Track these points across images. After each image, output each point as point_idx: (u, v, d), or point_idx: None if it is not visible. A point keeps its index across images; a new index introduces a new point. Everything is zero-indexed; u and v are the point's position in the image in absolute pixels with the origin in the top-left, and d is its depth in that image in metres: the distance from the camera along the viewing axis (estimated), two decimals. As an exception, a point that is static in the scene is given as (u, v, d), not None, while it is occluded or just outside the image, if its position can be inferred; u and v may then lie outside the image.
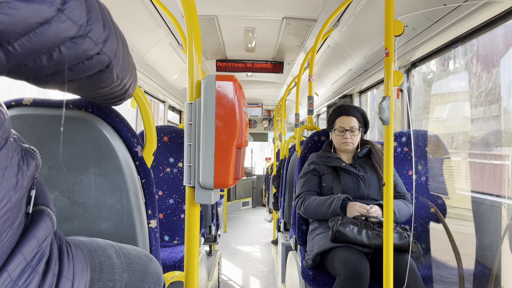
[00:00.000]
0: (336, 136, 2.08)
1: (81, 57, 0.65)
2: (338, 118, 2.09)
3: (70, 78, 0.68)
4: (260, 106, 8.67)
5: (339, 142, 2.07)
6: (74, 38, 0.61)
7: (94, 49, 0.67)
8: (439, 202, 2.24)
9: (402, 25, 1.32)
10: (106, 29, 0.69)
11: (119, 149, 1.10)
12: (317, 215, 1.98)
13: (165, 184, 2.39)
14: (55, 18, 0.56)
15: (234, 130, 1.00)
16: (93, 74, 0.73)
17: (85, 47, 0.64)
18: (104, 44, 0.69)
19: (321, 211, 1.93)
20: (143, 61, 3.36)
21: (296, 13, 3.07)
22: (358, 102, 4.44)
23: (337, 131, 2.07)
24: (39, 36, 0.55)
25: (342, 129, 2.06)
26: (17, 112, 1.08)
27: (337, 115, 2.10)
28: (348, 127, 2.05)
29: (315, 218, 2.04)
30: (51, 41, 0.57)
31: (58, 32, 0.57)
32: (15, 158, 0.59)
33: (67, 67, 0.64)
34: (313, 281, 1.84)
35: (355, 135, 2.05)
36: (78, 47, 0.63)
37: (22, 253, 0.58)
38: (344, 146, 2.06)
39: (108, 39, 0.70)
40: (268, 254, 4.96)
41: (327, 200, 1.92)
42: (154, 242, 1.22)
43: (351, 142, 2.05)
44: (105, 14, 0.70)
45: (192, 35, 1.06)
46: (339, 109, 2.13)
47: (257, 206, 9.45)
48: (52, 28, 0.56)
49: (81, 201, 1.09)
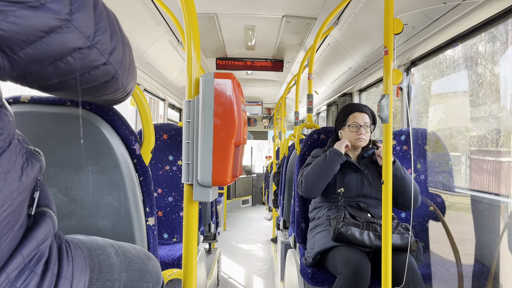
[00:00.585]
0: (350, 132, 2.06)
1: (87, 68, 0.64)
2: (352, 114, 2.07)
3: (75, 88, 0.67)
4: (260, 104, 8.66)
5: (353, 138, 2.05)
6: (81, 49, 0.60)
7: (100, 60, 0.65)
8: (438, 201, 2.24)
9: (402, 24, 1.32)
10: (113, 39, 0.68)
11: (117, 147, 1.10)
12: (318, 174, 1.99)
13: (164, 182, 2.39)
14: (62, 28, 0.55)
15: (233, 128, 1.00)
16: (98, 84, 0.72)
17: (92, 58, 0.63)
18: (110, 55, 0.68)
19: (318, 167, 1.99)
20: (143, 59, 3.35)
21: (296, 11, 3.07)
22: (358, 101, 4.44)
23: (351, 127, 2.05)
24: (45, 46, 0.54)
25: (357, 124, 2.04)
26: (14, 109, 1.08)
27: (350, 112, 2.09)
28: (362, 123, 2.04)
29: (317, 182, 2.00)
30: (57, 51, 0.56)
31: (64, 42, 0.56)
32: (19, 160, 0.59)
33: (73, 77, 0.63)
34: (312, 279, 1.84)
35: (368, 131, 2.05)
36: (85, 58, 0.62)
37: (21, 254, 0.58)
38: (358, 142, 2.05)
39: (115, 50, 0.69)
40: (267, 252, 4.97)
41: (321, 158, 2.01)
42: (152, 239, 1.22)
43: (364, 138, 2.05)
44: (113, 24, 0.69)
45: (190, 33, 1.06)
46: (351, 106, 2.12)
47: (257, 204, 9.46)
48: (59, 38, 0.55)
49: (79, 198, 1.09)
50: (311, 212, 2.15)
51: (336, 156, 1.97)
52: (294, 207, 2.38)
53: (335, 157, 1.97)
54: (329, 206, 2.02)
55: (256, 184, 9.56)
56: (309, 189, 2.02)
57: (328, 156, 1.99)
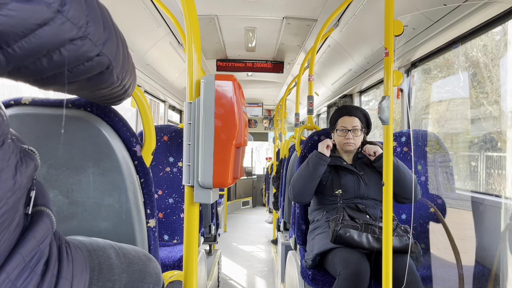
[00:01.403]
0: (338, 136, 2.07)
1: (81, 59, 0.65)
2: (341, 118, 2.08)
3: (70, 80, 0.68)
4: (261, 105, 8.67)
5: (341, 143, 2.06)
6: (74, 40, 0.60)
7: (94, 51, 0.66)
8: (438, 202, 2.24)
9: (402, 25, 1.32)
10: (106, 30, 0.68)
11: (118, 149, 1.10)
12: (303, 180, 2.00)
13: (165, 184, 2.39)
14: (54, 19, 0.55)
15: (233, 129, 1.00)
16: (93, 76, 0.72)
17: (85, 49, 0.64)
18: (104, 45, 0.68)
19: (303, 172, 2.00)
20: (143, 60, 3.35)
21: (296, 13, 3.07)
22: (358, 102, 4.44)
23: (339, 131, 2.06)
24: (39, 38, 0.54)
25: (344, 129, 2.05)
26: (16, 111, 1.08)
27: (340, 115, 2.09)
28: (350, 127, 2.04)
29: (304, 187, 2.01)
30: (50, 43, 0.57)
31: (57, 34, 0.57)
32: (13, 159, 0.59)
33: (67, 69, 0.64)
34: (312, 280, 1.84)
35: (357, 135, 2.04)
36: (78, 49, 0.62)
37: (21, 254, 0.58)
38: (346, 147, 2.05)
39: (108, 41, 0.69)
40: (268, 254, 4.96)
41: (304, 163, 2.03)
42: (153, 241, 1.22)
43: (353, 142, 2.04)
44: (105, 15, 0.69)
45: (191, 34, 1.06)
46: (341, 109, 2.12)
47: (257, 205, 9.46)
48: (51, 29, 0.55)
49: (80, 200, 1.09)
50: (311, 214, 2.15)
51: (318, 158, 1.98)
52: (294, 209, 2.38)
53: (317, 160, 1.98)
54: (328, 208, 2.02)
55: (257, 186, 9.56)
56: (298, 195, 2.03)
57: (311, 159, 2.00)
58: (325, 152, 2.00)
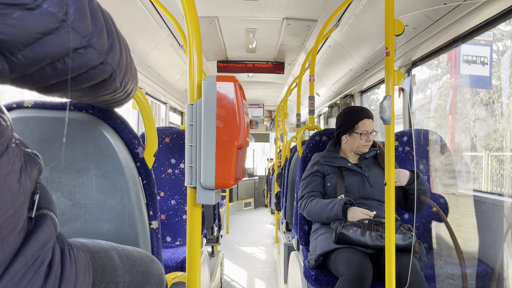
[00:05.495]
0: (358, 140, 2.01)
1: (85, 67, 0.65)
2: (361, 121, 2.01)
3: (73, 87, 0.68)
4: (262, 106, 8.67)
5: (361, 145, 2.02)
6: (78, 49, 0.60)
7: (98, 59, 0.66)
8: (441, 201, 2.23)
9: (403, 25, 1.32)
10: (110, 38, 0.69)
11: (120, 151, 1.10)
12: (320, 219, 1.98)
13: (167, 185, 2.40)
14: (59, 29, 0.55)
15: (235, 130, 1.00)
16: (96, 83, 0.72)
17: (89, 57, 0.64)
18: (108, 54, 0.68)
19: (323, 216, 1.92)
20: (144, 62, 3.36)
21: (296, 13, 3.08)
22: (359, 102, 4.44)
23: (362, 135, 2.00)
24: (43, 47, 0.54)
25: (367, 132, 2.00)
26: (18, 114, 1.09)
27: (359, 118, 2.02)
28: (371, 130, 2.01)
29: (319, 222, 2.03)
30: (55, 52, 0.57)
31: (61, 43, 0.57)
32: (17, 163, 0.59)
33: (71, 76, 0.64)
34: (316, 281, 1.84)
35: (374, 137, 2.05)
36: (82, 57, 0.62)
37: (24, 256, 0.59)
38: (364, 149, 2.03)
39: (111, 49, 0.69)
40: (270, 255, 4.96)
41: (329, 205, 1.89)
42: (156, 243, 1.22)
43: (370, 144, 2.05)
44: (108, 23, 0.70)
45: (192, 36, 1.06)
46: (360, 112, 2.05)
47: (259, 206, 9.46)
48: (56, 39, 0.55)
49: (83, 202, 1.09)
50: (314, 214, 2.15)
51: (338, 214, 1.86)
52: (297, 209, 2.38)
53: (337, 215, 1.86)
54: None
55: (258, 187, 9.56)
56: (311, 219, 2.10)
57: (336, 212, 1.86)
58: (350, 218, 1.84)
